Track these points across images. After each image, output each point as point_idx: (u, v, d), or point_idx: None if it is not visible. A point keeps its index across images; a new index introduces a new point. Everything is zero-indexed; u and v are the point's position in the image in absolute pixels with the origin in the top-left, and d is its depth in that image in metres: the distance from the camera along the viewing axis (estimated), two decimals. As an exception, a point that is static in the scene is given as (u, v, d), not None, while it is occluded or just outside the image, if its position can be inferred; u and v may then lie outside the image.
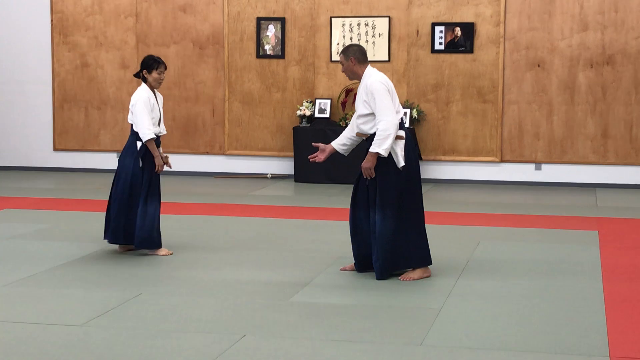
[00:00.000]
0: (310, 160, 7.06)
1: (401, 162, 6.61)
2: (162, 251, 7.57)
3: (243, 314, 5.82)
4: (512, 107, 12.08)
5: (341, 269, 7.02)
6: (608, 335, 5.31)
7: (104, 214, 9.58)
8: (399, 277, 6.74)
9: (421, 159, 12.15)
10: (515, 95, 12.05)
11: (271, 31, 12.59)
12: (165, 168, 7.69)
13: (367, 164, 6.61)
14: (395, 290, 6.42)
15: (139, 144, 7.49)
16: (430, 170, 12.35)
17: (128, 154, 7.53)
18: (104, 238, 7.66)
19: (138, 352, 4.98)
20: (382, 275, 6.67)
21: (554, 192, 11.58)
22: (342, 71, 6.92)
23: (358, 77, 6.85)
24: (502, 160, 12.16)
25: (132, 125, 7.54)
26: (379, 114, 6.61)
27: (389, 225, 6.62)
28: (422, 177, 12.04)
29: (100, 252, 7.65)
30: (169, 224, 8.99)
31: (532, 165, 12.13)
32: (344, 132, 7.00)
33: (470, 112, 12.17)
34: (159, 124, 7.57)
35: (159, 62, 7.52)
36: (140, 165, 7.48)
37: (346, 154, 7.04)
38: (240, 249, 7.74)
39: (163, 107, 7.76)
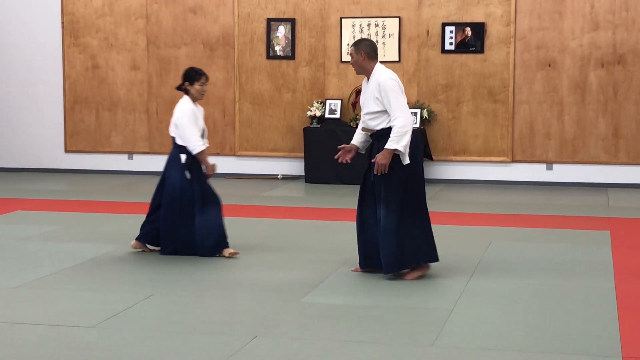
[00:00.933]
0: (339, 160, 7.01)
1: (406, 160, 6.65)
2: (227, 252, 7.54)
3: (254, 315, 5.82)
4: (523, 107, 12.05)
5: (353, 270, 7.02)
6: (620, 336, 5.29)
7: (114, 215, 9.62)
8: (404, 277, 6.75)
9: (432, 159, 12.13)
10: (526, 95, 12.03)
11: (281, 32, 12.59)
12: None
13: (383, 160, 6.61)
14: (406, 291, 6.41)
15: (182, 157, 7.42)
16: (441, 171, 12.33)
17: (173, 167, 7.47)
18: (161, 253, 7.52)
19: (149, 354, 4.98)
20: (389, 270, 6.68)
21: (565, 192, 11.55)
22: (351, 63, 6.94)
23: (366, 72, 6.86)
24: (513, 160, 12.14)
25: (174, 137, 7.48)
26: (395, 111, 6.62)
27: (393, 219, 6.65)
28: (433, 177, 12.13)
29: (111, 254, 7.66)
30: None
31: (544, 165, 12.10)
32: (358, 129, 7.01)
33: (481, 112, 12.15)
34: (203, 135, 7.51)
35: (200, 74, 7.47)
36: (188, 176, 7.42)
37: (364, 151, 7.03)
38: (250, 250, 7.74)
39: None
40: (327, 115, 12.29)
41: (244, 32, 12.70)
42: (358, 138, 6.97)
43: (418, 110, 12.01)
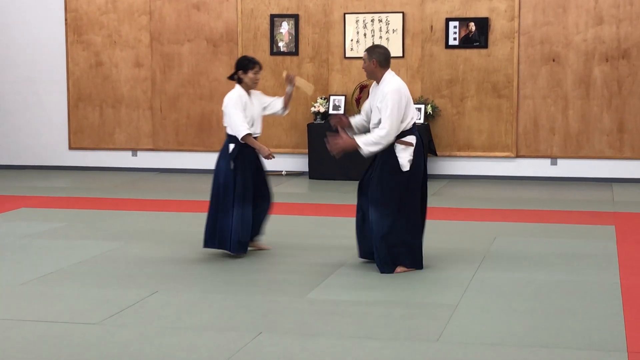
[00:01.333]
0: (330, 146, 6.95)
1: (405, 167, 6.72)
2: (257, 244, 7.57)
3: (259, 311, 5.82)
4: (527, 102, 12.03)
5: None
6: (626, 330, 5.28)
7: (118, 212, 9.63)
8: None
9: (436, 154, 12.12)
10: (530, 90, 12.01)
11: (285, 28, 12.57)
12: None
13: (344, 144, 6.76)
14: (411, 287, 6.40)
15: (231, 146, 7.37)
16: (446, 166, 12.32)
17: (222, 156, 7.43)
18: (204, 246, 7.43)
19: (154, 350, 4.98)
20: (384, 270, 6.79)
21: (570, 187, 11.53)
22: (363, 68, 6.99)
23: (376, 78, 6.90)
24: (518, 156, 12.12)
25: (226, 127, 7.46)
26: (385, 122, 6.66)
27: (386, 223, 6.71)
28: (437, 173, 12.11)
29: (116, 251, 7.66)
30: (185, 221, 9.00)
31: (548, 160, 12.09)
32: (356, 118, 7.11)
33: (485, 108, 12.13)
34: (253, 125, 7.43)
35: (254, 62, 7.44)
36: (232, 167, 7.34)
37: (356, 132, 7.07)
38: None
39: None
40: (331, 111, 12.27)
41: (248, 28, 12.69)
42: (357, 119, 7.07)
43: (422, 106, 12.00)
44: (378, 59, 6.81)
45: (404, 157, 6.72)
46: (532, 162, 12.12)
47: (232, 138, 7.39)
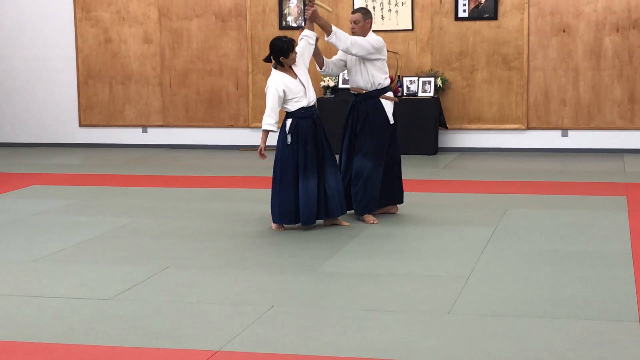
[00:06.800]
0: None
1: (391, 120, 7.62)
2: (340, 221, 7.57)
3: (270, 285, 5.83)
4: (538, 74, 11.98)
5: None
6: (638, 300, 5.28)
7: (129, 189, 9.65)
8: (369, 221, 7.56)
9: (446, 127, 12.09)
10: (540, 62, 11.95)
11: (293, 2, 12.53)
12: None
13: (317, 20, 7.46)
14: (422, 258, 6.41)
15: (288, 122, 7.33)
16: (456, 139, 12.29)
17: (280, 132, 7.41)
18: (273, 221, 7.48)
19: (166, 325, 5.00)
20: (364, 212, 7.59)
21: (581, 158, 11.50)
22: (354, 29, 7.61)
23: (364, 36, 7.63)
24: (528, 128, 12.08)
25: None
26: (365, 43, 7.48)
27: (378, 171, 7.56)
28: (448, 146, 12.14)
29: (127, 227, 7.68)
30: (196, 197, 9.02)
31: (559, 132, 12.04)
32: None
33: (496, 80, 12.09)
34: (305, 95, 7.33)
35: (291, 43, 7.28)
36: (289, 142, 7.31)
37: (322, 63, 7.75)
38: (266, 222, 7.74)
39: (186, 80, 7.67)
40: (340, 86, 12.24)
41: (256, 3, 12.65)
42: (333, 58, 7.77)
43: (432, 79, 11.96)
44: (371, 20, 7.66)
45: (389, 111, 7.60)
46: (543, 134, 12.08)
47: (288, 114, 7.38)
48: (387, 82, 7.68)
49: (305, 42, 7.48)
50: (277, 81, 7.32)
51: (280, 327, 4.93)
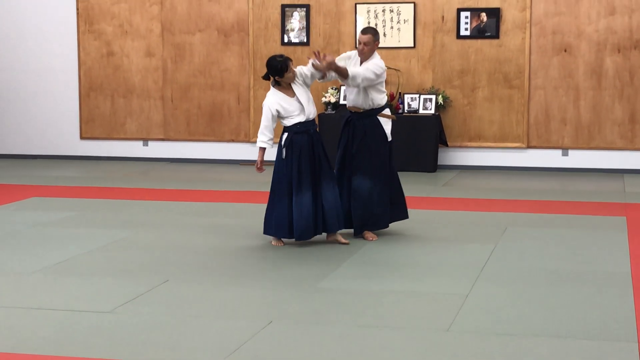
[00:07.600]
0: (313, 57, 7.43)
1: (390, 137, 7.68)
2: (338, 238, 7.49)
3: (269, 300, 5.83)
4: (539, 93, 12.00)
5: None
6: (637, 321, 5.28)
7: (129, 202, 9.65)
8: (369, 238, 7.57)
9: (447, 145, 12.10)
10: (541, 81, 11.98)
11: (296, 18, 12.57)
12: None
13: (333, 66, 7.26)
14: (421, 276, 6.41)
15: (284, 136, 7.36)
16: (457, 157, 12.30)
17: (278, 146, 7.44)
18: (264, 232, 7.52)
19: (165, 338, 5.00)
20: (361, 230, 7.61)
21: (581, 178, 11.51)
22: (363, 49, 7.54)
23: (368, 58, 7.60)
24: (529, 146, 12.10)
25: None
26: (370, 71, 7.41)
27: (377, 190, 7.57)
28: (448, 163, 12.14)
29: (127, 240, 7.68)
30: (195, 211, 9.02)
31: (559, 151, 12.06)
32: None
33: (497, 98, 12.11)
34: (303, 112, 7.31)
35: (286, 63, 7.24)
36: (283, 156, 7.33)
37: (324, 76, 7.50)
38: (266, 237, 7.74)
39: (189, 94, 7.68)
40: (342, 102, 12.26)
41: (259, 18, 12.69)
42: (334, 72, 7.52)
43: (433, 97, 11.98)
44: (379, 40, 7.68)
45: (388, 128, 7.64)
46: (543, 153, 12.09)
47: (284, 128, 7.40)
48: (385, 100, 7.68)
49: (310, 67, 7.40)
50: (271, 101, 7.36)
51: (279, 343, 4.92)
